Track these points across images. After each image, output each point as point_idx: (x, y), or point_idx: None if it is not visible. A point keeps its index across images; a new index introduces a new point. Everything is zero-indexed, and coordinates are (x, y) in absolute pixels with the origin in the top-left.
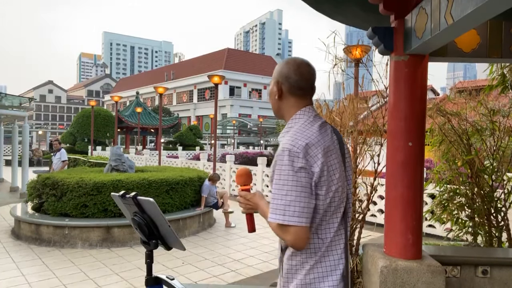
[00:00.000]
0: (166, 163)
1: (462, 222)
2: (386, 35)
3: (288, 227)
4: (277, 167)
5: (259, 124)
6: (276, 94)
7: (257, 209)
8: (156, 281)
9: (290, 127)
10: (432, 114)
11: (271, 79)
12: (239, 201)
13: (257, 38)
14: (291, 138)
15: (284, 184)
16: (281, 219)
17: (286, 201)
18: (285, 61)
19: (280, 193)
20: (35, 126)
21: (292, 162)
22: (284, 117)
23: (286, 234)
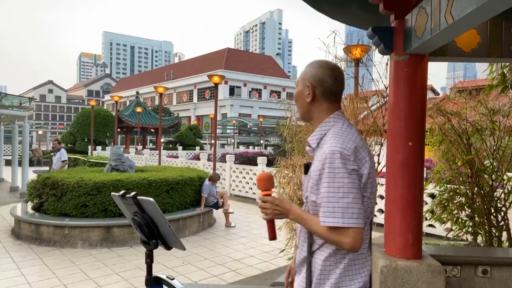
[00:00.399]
0: (166, 163)
1: (462, 222)
2: (386, 35)
3: (347, 230)
4: (327, 170)
5: (259, 124)
6: (309, 98)
7: (287, 215)
8: (156, 281)
9: (325, 131)
10: (432, 114)
11: (299, 81)
12: (262, 207)
13: (257, 38)
14: (338, 141)
15: (340, 186)
16: (341, 221)
17: (344, 204)
18: (318, 64)
19: (336, 195)
20: (35, 126)
21: (345, 164)
22: (312, 120)
23: (344, 237)
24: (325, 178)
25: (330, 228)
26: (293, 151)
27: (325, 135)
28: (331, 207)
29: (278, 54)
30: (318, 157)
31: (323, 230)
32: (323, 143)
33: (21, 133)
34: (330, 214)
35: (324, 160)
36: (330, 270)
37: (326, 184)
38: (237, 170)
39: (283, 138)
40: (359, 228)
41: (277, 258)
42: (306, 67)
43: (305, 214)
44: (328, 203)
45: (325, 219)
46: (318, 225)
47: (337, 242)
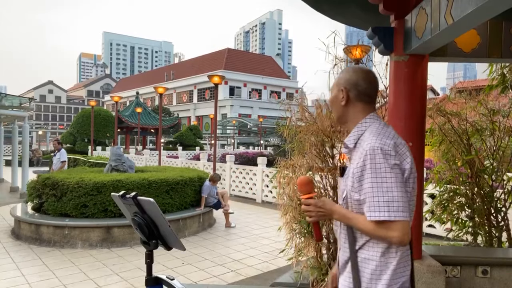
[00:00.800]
0: (166, 163)
1: (462, 222)
2: (386, 35)
3: (394, 223)
4: (369, 166)
5: (259, 124)
6: (343, 101)
7: (330, 215)
8: (156, 281)
9: (361, 131)
10: (432, 114)
11: (333, 87)
12: (306, 210)
13: (257, 38)
14: (376, 138)
15: (383, 181)
16: (387, 215)
17: (389, 197)
18: (352, 69)
19: (380, 190)
20: (35, 126)
21: (386, 159)
22: (347, 122)
23: (392, 231)
24: (368, 174)
25: (377, 223)
26: (293, 152)
27: (362, 135)
28: (376, 201)
29: (278, 55)
30: (357, 155)
31: (370, 226)
32: (360, 142)
33: (21, 134)
34: (375, 209)
35: (364, 157)
36: (382, 268)
37: (369, 179)
38: (237, 171)
39: (283, 138)
40: (406, 221)
41: (277, 258)
42: (340, 74)
43: (349, 213)
44: (373, 198)
45: (371, 214)
46: (365, 222)
47: (385, 237)
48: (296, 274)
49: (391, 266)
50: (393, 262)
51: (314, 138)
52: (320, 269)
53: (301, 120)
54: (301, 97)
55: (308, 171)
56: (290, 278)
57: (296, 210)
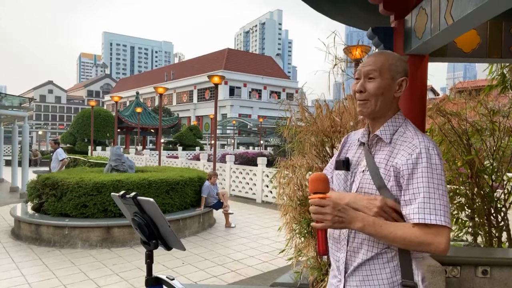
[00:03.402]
0: (166, 163)
1: (462, 222)
2: (386, 35)
3: (443, 229)
4: (425, 165)
5: (259, 124)
6: (399, 92)
7: (350, 224)
8: (156, 281)
9: (396, 126)
10: (432, 114)
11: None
12: (320, 212)
13: (257, 38)
14: (427, 139)
15: (439, 183)
16: (443, 220)
17: (444, 202)
18: (400, 56)
19: (437, 192)
20: (35, 126)
21: (441, 162)
22: (382, 117)
23: (440, 237)
24: (424, 174)
25: (425, 228)
26: (293, 152)
27: (397, 131)
28: (433, 204)
29: (278, 55)
30: (404, 152)
31: (413, 231)
32: (399, 138)
33: (21, 134)
34: (432, 211)
35: (418, 155)
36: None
37: (425, 179)
38: (237, 171)
39: (283, 138)
40: (450, 229)
41: (277, 258)
42: (392, 59)
43: (380, 220)
44: (429, 199)
45: (426, 216)
46: (405, 227)
47: (429, 244)
48: (296, 274)
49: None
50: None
51: (314, 138)
52: (320, 269)
53: (301, 120)
54: (301, 97)
55: (308, 171)
56: (290, 278)
57: (296, 210)
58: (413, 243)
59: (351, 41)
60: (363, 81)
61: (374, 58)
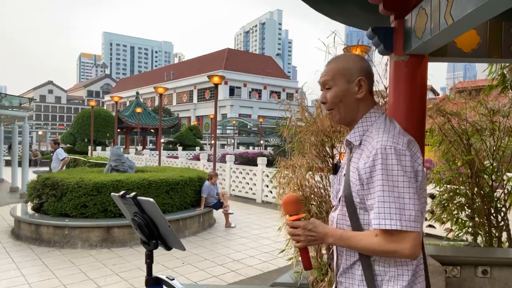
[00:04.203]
0: (166, 163)
1: (462, 222)
2: (386, 35)
3: (405, 234)
4: (380, 167)
5: (259, 124)
6: (361, 93)
7: (323, 240)
8: (156, 281)
9: (366, 126)
10: (432, 114)
11: (337, 77)
12: (294, 234)
13: (257, 38)
14: (387, 137)
15: (395, 186)
16: (399, 224)
17: (401, 205)
18: (358, 56)
19: (392, 196)
20: (35, 127)
21: (400, 161)
22: (354, 120)
23: (402, 242)
24: (378, 177)
25: (386, 235)
26: (293, 152)
27: (367, 131)
28: (387, 208)
29: (278, 55)
30: (364, 154)
31: (375, 241)
32: (366, 139)
33: (21, 134)
34: (386, 216)
35: (374, 156)
36: (398, 274)
37: (379, 182)
38: (237, 171)
39: (283, 138)
40: (418, 233)
41: (277, 258)
42: (343, 62)
43: (347, 232)
44: (384, 204)
45: (381, 222)
46: (368, 237)
47: (394, 251)
48: (296, 274)
49: (409, 273)
50: (411, 268)
51: (314, 138)
52: (320, 269)
53: (301, 120)
54: (301, 97)
55: (308, 171)
56: (290, 278)
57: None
58: (378, 252)
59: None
60: (323, 92)
61: (327, 67)
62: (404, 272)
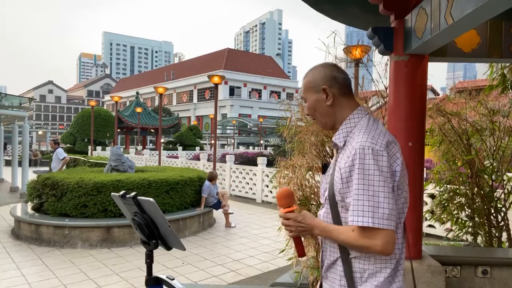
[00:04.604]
0: (166, 163)
1: (462, 222)
2: (386, 35)
3: (377, 231)
4: (357, 167)
5: (259, 124)
6: (329, 100)
7: (311, 231)
8: (156, 281)
9: (350, 127)
10: (432, 114)
11: (308, 90)
12: (286, 224)
13: (257, 38)
14: (367, 136)
15: (370, 184)
16: (371, 221)
17: (374, 203)
18: (320, 66)
19: (366, 194)
20: (35, 126)
21: (376, 161)
22: (335, 124)
23: (375, 239)
24: (355, 175)
25: (360, 231)
26: (293, 152)
27: (351, 132)
28: (361, 206)
29: (278, 55)
30: (346, 155)
31: (352, 236)
32: (350, 140)
33: (21, 134)
34: (359, 213)
35: (353, 156)
36: (376, 271)
37: (356, 181)
38: (237, 171)
39: (283, 138)
40: (391, 230)
41: (277, 258)
42: (309, 76)
43: (329, 225)
44: (358, 202)
45: (354, 218)
46: (347, 231)
47: (367, 247)
48: (296, 274)
49: (387, 270)
50: (389, 267)
51: (314, 138)
52: (320, 269)
53: (301, 120)
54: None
55: (308, 171)
56: (290, 278)
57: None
58: (354, 246)
59: (351, 41)
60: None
61: (303, 82)
62: (382, 270)
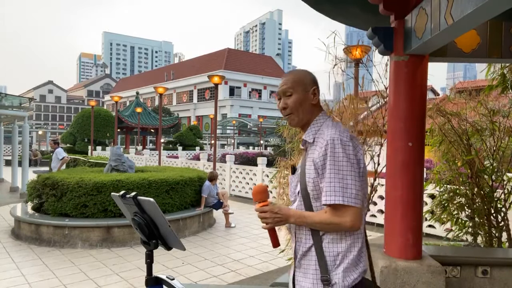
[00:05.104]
0: (166, 163)
1: (462, 222)
2: (386, 35)
3: (347, 208)
4: (330, 155)
5: (259, 124)
6: (315, 100)
7: (287, 220)
8: (156, 281)
9: (318, 126)
10: (432, 114)
11: (296, 87)
12: (263, 217)
13: (257, 38)
14: (335, 131)
15: (340, 169)
16: (341, 200)
17: (344, 184)
18: (307, 71)
19: (337, 177)
20: (35, 126)
21: (344, 150)
22: (308, 123)
23: (345, 216)
24: (328, 162)
25: (332, 210)
26: (293, 152)
27: (318, 131)
28: (333, 187)
29: (278, 55)
30: (317, 148)
31: (325, 216)
32: (319, 137)
33: (21, 134)
34: (331, 193)
35: (325, 146)
36: (346, 251)
37: (328, 167)
38: (237, 171)
39: (283, 138)
40: (359, 208)
41: (277, 258)
42: (297, 75)
43: (304, 212)
44: (330, 183)
45: (327, 198)
46: (319, 214)
47: (338, 224)
48: None
49: (354, 252)
50: (356, 248)
51: None
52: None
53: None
54: None
55: None
56: None
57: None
58: (328, 226)
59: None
60: (284, 99)
61: (286, 78)
62: (351, 249)
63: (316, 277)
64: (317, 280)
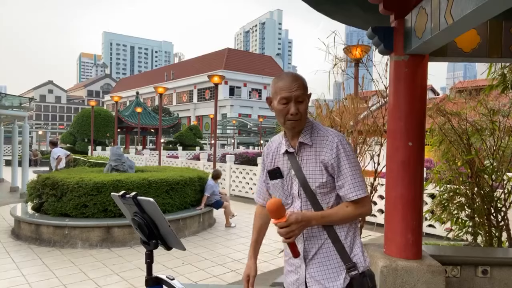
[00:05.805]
0: (166, 163)
1: (462, 222)
2: (386, 35)
3: (366, 198)
4: (344, 155)
5: (259, 124)
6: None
7: (309, 224)
8: (156, 281)
9: (309, 128)
10: (432, 114)
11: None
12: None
13: (257, 38)
14: (333, 132)
15: (356, 164)
16: (364, 192)
17: (362, 178)
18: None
19: (356, 173)
20: (35, 126)
21: (350, 147)
22: None
23: (366, 205)
24: (345, 162)
25: (355, 203)
26: None
27: (311, 132)
28: (356, 183)
29: (278, 54)
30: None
31: (349, 210)
32: (316, 138)
33: (21, 134)
34: (359, 188)
35: (337, 148)
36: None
37: (347, 165)
38: (237, 170)
39: None
40: (369, 195)
41: (277, 258)
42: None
43: (323, 212)
44: (354, 179)
45: (357, 192)
46: (342, 209)
47: (362, 214)
48: None
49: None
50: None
51: None
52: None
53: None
54: None
55: None
56: None
57: None
58: (351, 218)
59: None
60: (296, 105)
61: (298, 83)
62: (355, 227)
63: (338, 266)
64: (339, 268)
